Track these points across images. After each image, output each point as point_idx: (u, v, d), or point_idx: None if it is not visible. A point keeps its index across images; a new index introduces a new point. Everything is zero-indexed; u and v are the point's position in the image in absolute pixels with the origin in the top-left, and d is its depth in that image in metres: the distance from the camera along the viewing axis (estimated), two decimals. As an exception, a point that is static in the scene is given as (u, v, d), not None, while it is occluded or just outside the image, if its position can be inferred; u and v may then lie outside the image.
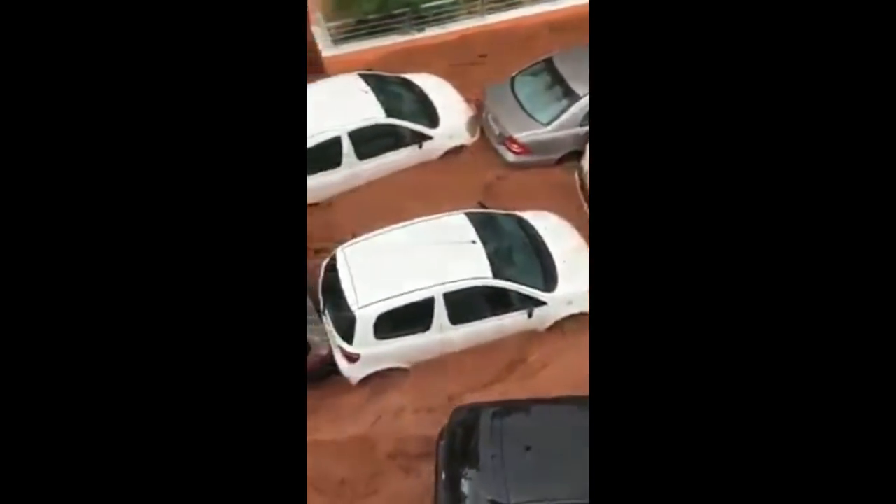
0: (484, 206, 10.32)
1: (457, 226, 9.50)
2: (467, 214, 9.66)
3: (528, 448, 7.39)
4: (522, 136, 10.85)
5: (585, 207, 10.17)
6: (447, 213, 9.64)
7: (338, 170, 10.68)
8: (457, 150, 11.24)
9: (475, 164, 11.13)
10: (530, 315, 9.21)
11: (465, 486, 7.39)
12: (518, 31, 12.59)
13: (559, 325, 9.42)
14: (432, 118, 11.10)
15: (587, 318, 9.01)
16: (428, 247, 9.19)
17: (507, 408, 7.95)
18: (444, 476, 7.59)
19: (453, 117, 11.26)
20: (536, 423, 7.71)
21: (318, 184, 10.59)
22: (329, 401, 8.95)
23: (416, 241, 9.30)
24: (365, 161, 10.74)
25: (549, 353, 9.13)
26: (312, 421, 8.04)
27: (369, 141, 10.72)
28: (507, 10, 12.84)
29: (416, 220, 9.55)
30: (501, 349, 9.23)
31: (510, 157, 11.00)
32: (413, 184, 10.76)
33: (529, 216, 10.02)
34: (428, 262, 9.05)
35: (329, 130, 10.56)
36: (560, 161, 10.95)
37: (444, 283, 8.88)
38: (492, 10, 12.80)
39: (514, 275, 9.17)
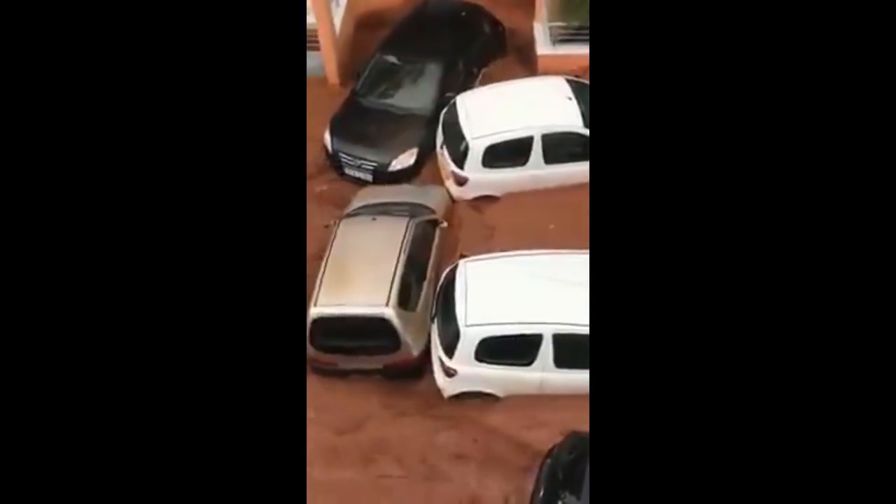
0: None
1: (580, 265, 9.03)
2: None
3: None
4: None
5: None
6: (573, 251, 9.36)
7: (523, 168, 10.82)
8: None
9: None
10: None
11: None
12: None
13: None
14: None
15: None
16: (548, 281, 8.99)
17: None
18: (542, 493, 7.63)
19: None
20: None
21: (501, 178, 10.87)
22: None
23: (537, 272, 9.10)
24: (551, 166, 10.81)
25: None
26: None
27: (560, 147, 10.77)
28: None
29: (541, 251, 9.39)
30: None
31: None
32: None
33: None
34: (545, 298, 8.87)
35: (524, 129, 10.73)
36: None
37: (557, 324, 8.68)
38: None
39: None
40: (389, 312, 8.94)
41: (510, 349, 8.73)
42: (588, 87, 11.39)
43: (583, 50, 12.48)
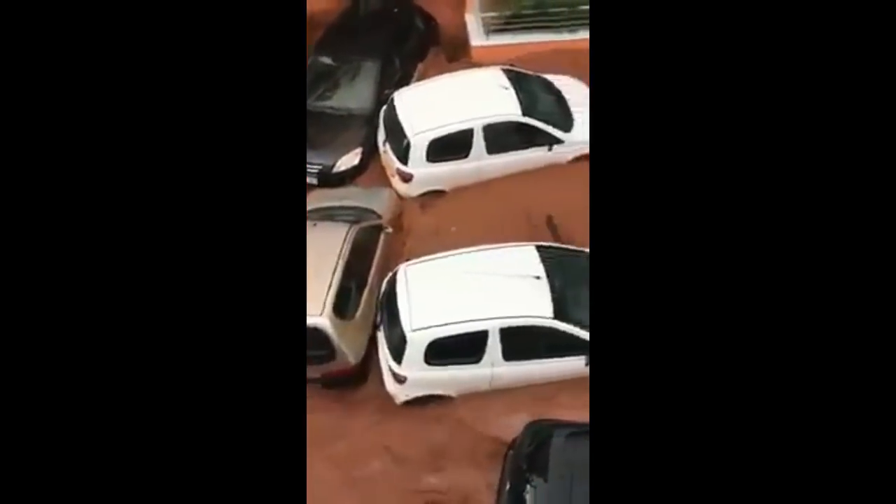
0: (552, 222, 10.19)
1: (524, 258, 9.23)
2: (538, 247, 9.40)
3: None
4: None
5: None
6: (516, 244, 9.41)
7: (465, 161, 10.90)
8: (584, 158, 11.21)
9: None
10: (588, 363, 8.82)
11: (529, 495, 7.49)
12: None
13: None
14: (566, 122, 11.12)
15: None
16: (491, 277, 8.97)
17: (583, 431, 7.75)
18: (508, 486, 7.72)
19: (587, 124, 11.18)
20: None
21: (445, 171, 10.93)
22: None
23: (481, 269, 9.06)
24: (493, 156, 10.90)
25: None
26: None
27: (501, 137, 10.87)
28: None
29: (483, 246, 9.36)
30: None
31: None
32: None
33: None
34: (488, 293, 8.85)
35: (464, 121, 10.79)
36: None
37: (501, 318, 8.67)
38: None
39: (576, 318, 8.81)
40: (323, 322, 8.84)
41: (458, 348, 8.70)
42: (524, 75, 11.52)
43: (516, 39, 12.64)
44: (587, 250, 9.64)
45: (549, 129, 10.93)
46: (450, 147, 10.80)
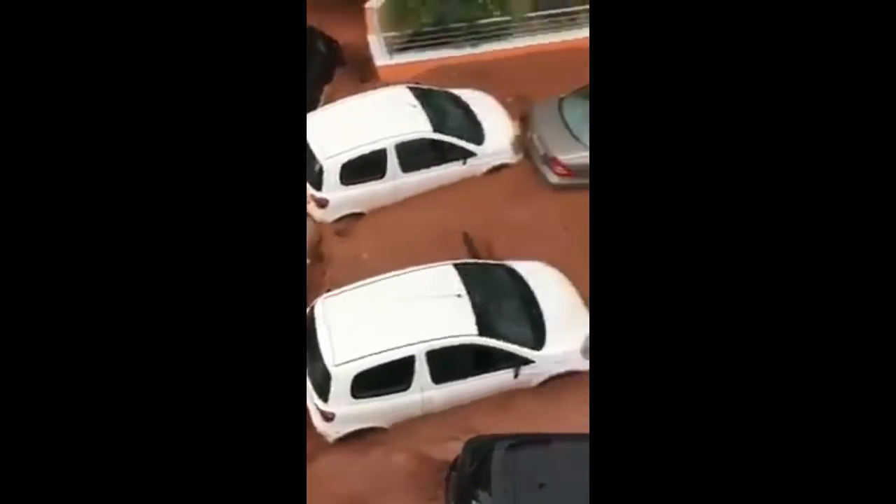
0: (468, 238, 10.18)
1: (443, 277, 9.11)
2: (455, 266, 9.31)
3: (541, 485, 7.28)
4: (567, 158, 10.81)
5: None
6: (434, 264, 9.26)
7: (381, 181, 10.82)
8: (500, 168, 11.28)
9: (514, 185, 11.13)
10: (516, 375, 8.83)
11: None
12: (573, 52, 12.54)
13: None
14: (478, 135, 11.17)
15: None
16: (411, 300, 8.84)
17: (523, 441, 7.81)
18: (453, 504, 7.64)
19: (499, 135, 11.30)
20: (553, 460, 7.55)
21: (361, 193, 10.82)
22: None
23: (399, 293, 8.94)
24: (409, 174, 10.86)
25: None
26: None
27: (415, 154, 10.85)
28: (565, 30, 12.79)
29: (400, 271, 9.20)
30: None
31: (553, 178, 10.96)
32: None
33: (521, 267, 9.65)
34: (410, 318, 8.72)
35: (375, 141, 10.71)
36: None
37: (426, 341, 8.50)
38: (549, 30, 12.77)
39: (500, 332, 8.78)
40: None
41: (385, 378, 8.53)
42: (431, 91, 11.53)
43: (420, 56, 12.66)
44: (505, 262, 9.72)
45: (462, 143, 10.97)
46: (364, 169, 10.70)
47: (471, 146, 11.00)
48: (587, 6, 12.61)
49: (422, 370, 8.55)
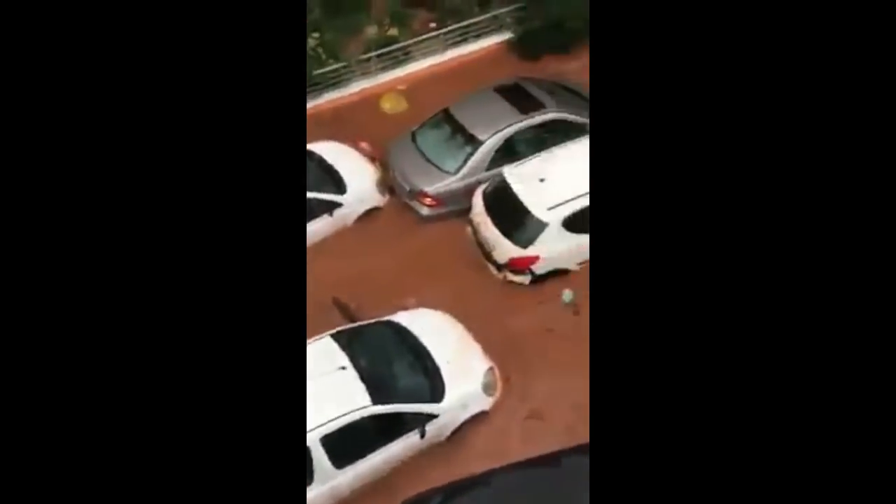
0: (340, 303, 9.77)
1: (321, 352, 8.41)
2: (332, 336, 8.71)
3: None
4: (433, 188, 10.76)
5: (489, 266, 10.14)
6: (311, 340, 8.50)
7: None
8: (371, 213, 11.08)
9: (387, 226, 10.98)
10: (422, 435, 8.36)
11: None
12: (415, 83, 12.63)
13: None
14: (339, 184, 10.93)
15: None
16: None
17: (456, 489, 7.49)
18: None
19: (360, 181, 11.10)
20: (496, 498, 7.28)
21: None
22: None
23: None
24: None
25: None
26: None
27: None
28: (400, 66, 12.83)
29: None
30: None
31: (424, 211, 10.88)
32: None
33: (404, 318, 9.22)
34: None
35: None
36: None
37: (318, 427, 7.73)
38: (385, 69, 12.77)
39: (396, 394, 8.27)
40: None
41: None
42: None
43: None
44: (386, 318, 9.24)
45: (324, 195, 10.66)
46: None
47: (334, 197, 10.75)
48: (419, 38, 12.77)
49: (320, 459, 7.82)
